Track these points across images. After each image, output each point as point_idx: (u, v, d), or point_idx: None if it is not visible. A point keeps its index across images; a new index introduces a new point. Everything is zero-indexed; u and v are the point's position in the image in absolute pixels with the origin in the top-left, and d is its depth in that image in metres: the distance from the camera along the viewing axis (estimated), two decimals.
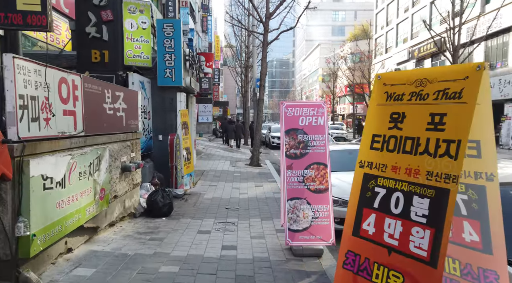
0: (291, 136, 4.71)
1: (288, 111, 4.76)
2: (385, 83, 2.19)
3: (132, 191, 6.13)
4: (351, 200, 2.24)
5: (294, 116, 4.75)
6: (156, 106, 9.30)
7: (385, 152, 2.08)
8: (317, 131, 4.71)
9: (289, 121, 4.75)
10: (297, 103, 4.85)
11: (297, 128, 4.72)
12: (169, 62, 8.98)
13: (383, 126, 2.12)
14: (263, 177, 11.24)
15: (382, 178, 2.06)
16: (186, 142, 8.30)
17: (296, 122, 4.73)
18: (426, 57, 29.70)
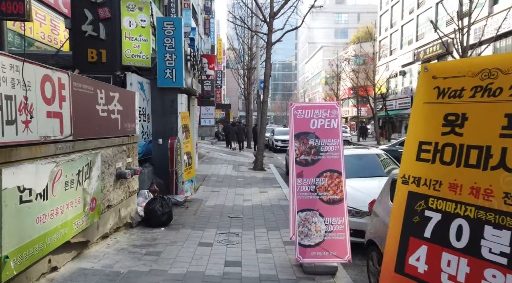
0: (301, 141, 4.26)
1: (298, 113, 4.32)
2: (435, 75, 1.72)
3: (129, 199, 5.69)
4: (392, 225, 1.78)
5: (305, 119, 4.30)
6: (156, 108, 8.89)
7: (438, 164, 1.62)
8: (330, 135, 4.26)
9: (299, 124, 4.30)
10: (308, 104, 4.40)
11: (308, 131, 4.27)
12: (169, 62, 8.57)
13: (435, 130, 1.66)
14: (267, 183, 10.78)
15: (436, 199, 1.60)
16: (187, 146, 7.87)
17: (307, 125, 4.29)
18: (432, 59, 29.20)
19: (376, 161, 7.41)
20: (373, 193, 5.32)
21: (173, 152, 7.89)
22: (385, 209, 3.75)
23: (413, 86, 32.44)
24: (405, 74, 34.47)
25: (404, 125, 35.27)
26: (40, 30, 11.49)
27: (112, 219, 5.05)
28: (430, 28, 29.97)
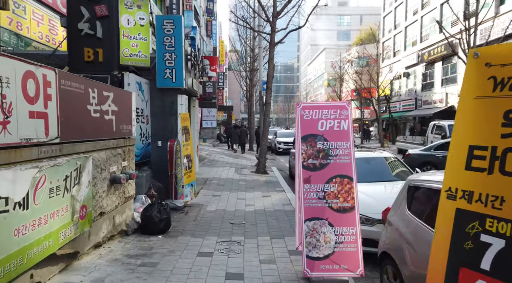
0: (308, 144, 3.93)
1: (305, 114, 3.98)
2: (489, 62, 1.37)
3: (124, 205, 5.37)
4: (435, 251, 1.42)
5: (313, 120, 3.96)
6: (155, 110, 8.58)
7: (497, 175, 1.27)
8: (340, 138, 3.92)
9: (306, 125, 3.97)
10: (316, 104, 4.07)
11: (316, 134, 3.94)
12: (169, 61, 8.27)
13: (491, 132, 1.31)
14: (270, 186, 10.44)
15: (496, 220, 1.25)
16: (187, 148, 7.55)
17: (315, 126, 3.95)
18: (437, 60, 28.84)
19: (385, 165, 7.06)
20: (382, 199, 4.98)
21: (173, 155, 7.57)
22: (402, 218, 3.41)
23: (417, 88, 32.06)
24: (409, 76, 34.09)
25: (408, 127, 34.83)
26: (38, 30, 11.23)
27: (106, 227, 4.73)
28: (434, 29, 29.62)
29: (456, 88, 26.04)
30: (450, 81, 27.27)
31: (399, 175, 6.42)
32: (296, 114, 4.05)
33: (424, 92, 30.84)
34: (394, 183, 5.91)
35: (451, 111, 26.28)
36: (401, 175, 6.39)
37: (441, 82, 28.28)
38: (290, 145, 22.98)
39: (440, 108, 27.01)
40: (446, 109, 26.55)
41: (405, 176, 6.19)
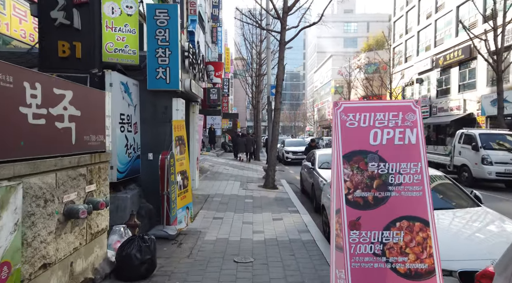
0: (355, 166, 2.52)
1: (348, 119, 2.59)
2: None
3: (90, 244, 3.97)
4: None
5: (361, 129, 2.57)
6: (145, 116, 7.23)
7: None
8: (405, 156, 2.52)
9: (351, 136, 2.57)
10: (366, 104, 2.67)
11: (367, 150, 2.54)
12: (162, 59, 6.93)
13: None
14: (281, 205, 8.99)
15: None
16: (181, 163, 6.17)
17: (365, 138, 2.55)
18: (453, 65, 27.34)
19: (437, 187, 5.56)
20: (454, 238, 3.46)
21: (165, 171, 6.18)
22: None
23: (432, 94, 30.52)
24: (422, 82, 32.57)
25: None
26: (20, 28, 10.01)
27: (56, 281, 3.32)
28: (450, 33, 28.21)
29: (475, 94, 24.51)
30: (468, 87, 25.72)
31: (457, 201, 4.91)
32: (333, 120, 2.65)
33: (440, 98, 29.29)
34: (457, 211, 4.44)
35: (470, 118, 24.70)
36: (458, 200, 4.88)
37: (458, 88, 26.74)
38: (299, 154, 21.52)
39: (458, 116, 25.44)
40: (464, 117, 24.98)
41: (465, 202, 4.72)
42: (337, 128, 2.57)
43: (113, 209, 5.99)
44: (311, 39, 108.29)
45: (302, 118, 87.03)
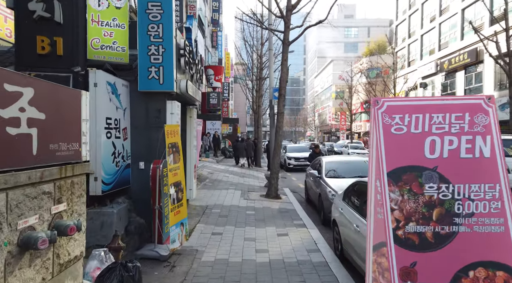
0: (405, 188, 1.81)
1: (393, 122, 1.90)
2: None
3: (58, 277, 3.23)
4: None
5: (411, 135, 1.87)
6: (136, 121, 6.52)
7: None
8: (477, 175, 1.81)
9: (397, 147, 1.87)
10: (416, 102, 1.94)
11: (421, 166, 1.83)
12: (155, 57, 6.24)
13: None
14: (286, 217, 8.25)
15: None
16: (175, 174, 5.44)
17: (418, 149, 1.86)
18: (458, 69, 26.72)
19: None
20: None
21: (156, 182, 5.46)
22: None
23: None
24: (426, 86, 31.95)
25: None
26: (5, 26, 9.38)
27: None
28: (454, 37, 27.63)
29: None
30: (474, 91, 25.05)
31: None
32: (372, 123, 1.94)
33: None
34: None
35: None
36: None
37: (464, 93, 26.06)
38: (302, 161, 20.78)
39: None
40: None
41: None
42: (378, 135, 1.86)
43: (97, 227, 5.27)
44: (311, 44, 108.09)
45: (302, 123, 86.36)
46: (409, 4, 36.17)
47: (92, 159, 5.34)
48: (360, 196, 5.50)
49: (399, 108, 1.89)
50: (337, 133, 61.52)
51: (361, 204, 5.25)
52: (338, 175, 9.02)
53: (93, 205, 5.46)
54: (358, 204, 5.35)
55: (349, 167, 9.46)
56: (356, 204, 5.45)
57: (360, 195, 5.50)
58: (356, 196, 5.70)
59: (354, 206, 5.47)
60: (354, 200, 5.65)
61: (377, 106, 1.91)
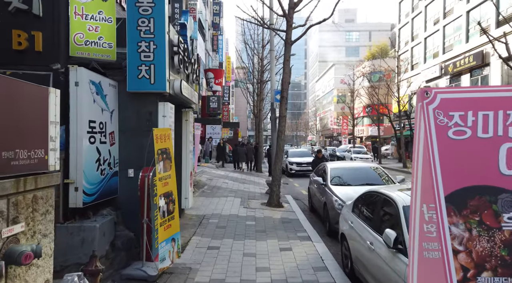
0: (473, 219, 1.22)
1: (452, 123, 1.30)
2: None
3: None
4: None
5: (478, 141, 1.28)
6: (125, 124, 5.95)
7: None
8: None
9: (457, 158, 1.28)
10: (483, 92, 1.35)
11: (496, 186, 1.23)
12: (145, 54, 5.69)
13: None
14: (289, 228, 7.65)
15: None
16: (166, 183, 4.86)
17: (490, 162, 1.26)
18: (464, 72, 26.15)
19: None
20: None
21: (145, 192, 4.88)
22: None
23: None
24: None
25: None
26: None
27: None
28: (459, 39, 27.11)
29: None
30: None
31: None
32: (421, 124, 1.35)
33: None
34: None
35: None
36: None
37: None
38: (304, 166, 20.18)
39: None
40: None
41: None
42: (428, 140, 1.29)
43: (78, 243, 4.69)
44: (312, 48, 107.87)
45: (304, 128, 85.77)
46: (412, 7, 35.72)
47: (73, 167, 4.78)
48: (373, 209, 4.91)
49: (459, 103, 1.31)
50: (339, 138, 60.92)
51: (375, 218, 4.66)
52: (345, 183, 8.43)
53: (73, 218, 4.88)
54: (372, 218, 4.76)
55: (356, 174, 8.88)
56: (368, 218, 4.86)
57: (373, 207, 4.91)
58: (368, 208, 5.11)
59: (366, 219, 4.88)
60: (366, 213, 5.06)
61: (427, 100, 1.33)
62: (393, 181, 8.46)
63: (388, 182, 8.41)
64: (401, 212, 3.97)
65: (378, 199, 4.77)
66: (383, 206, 4.56)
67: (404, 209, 3.99)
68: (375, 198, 4.96)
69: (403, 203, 4.07)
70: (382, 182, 8.46)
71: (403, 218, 3.88)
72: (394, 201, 4.21)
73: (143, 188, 4.95)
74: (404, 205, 4.04)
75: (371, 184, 8.34)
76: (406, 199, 4.16)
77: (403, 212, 3.95)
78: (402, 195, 4.31)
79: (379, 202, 4.71)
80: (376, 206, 4.80)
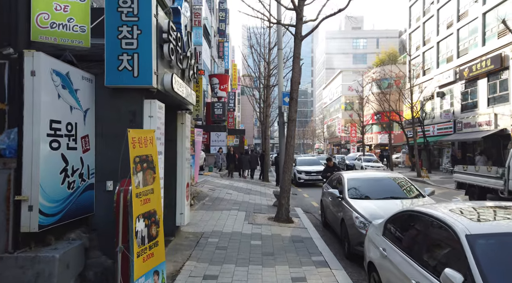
0: None
1: None
2: None
3: None
4: None
5: None
6: (103, 126, 4.91)
7: None
8: None
9: None
10: None
11: None
12: (127, 41, 4.68)
13: None
14: (301, 250, 6.50)
15: None
16: (146, 201, 3.78)
17: None
18: (481, 77, 24.88)
19: None
20: None
21: (120, 210, 3.81)
22: None
23: (455, 109, 27.97)
24: (444, 96, 30.10)
25: (445, 153, 30.48)
26: None
27: None
28: (475, 42, 25.91)
29: (508, 108, 21.94)
30: (499, 100, 23.17)
31: None
32: None
33: (465, 113, 26.72)
34: None
35: (503, 135, 22.05)
36: None
37: (488, 102, 24.19)
38: (313, 175, 19.01)
39: (489, 132, 22.81)
40: (496, 133, 22.34)
41: None
42: None
43: (30, 280, 3.61)
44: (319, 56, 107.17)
45: (311, 136, 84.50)
46: (423, 11, 34.65)
47: (27, 179, 3.73)
48: (416, 234, 3.76)
49: None
50: (347, 145, 59.57)
51: (421, 248, 3.51)
52: (365, 196, 7.28)
53: (28, 246, 3.82)
54: (415, 247, 3.61)
55: (378, 185, 7.72)
56: (409, 247, 3.71)
57: (416, 232, 3.77)
58: (407, 232, 3.96)
59: (406, 248, 3.73)
60: (404, 239, 3.91)
61: None
62: (421, 194, 7.30)
63: (416, 195, 7.25)
64: (465, 244, 2.84)
65: (423, 222, 3.64)
66: (433, 233, 3.42)
67: (469, 240, 2.86)
68: (417, 219, 3.82)
69: (466, 231, 2.95)
70: (408, 195, 7.30)
71: (470, 254, 2.75)
72: (452, 227, 3.08)
73: (118, 206, 3.88)
74: (467, 234, 2.91)
75: (396, 197, 7.18)
76: (469, 226, 3.03)
77: (469, 244, 2.82)
78: (462, 220, 3.18)
79: (425, 226, 3.58)
80: (420, 231, 3.67)
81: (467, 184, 13.43)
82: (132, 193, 3.51)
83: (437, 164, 31.12)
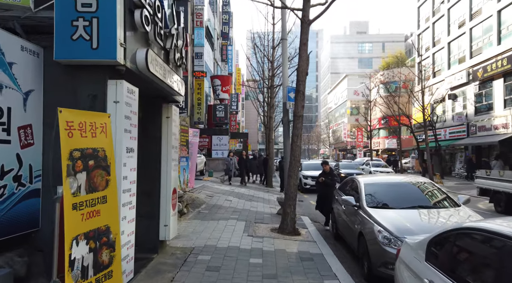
0: None
1: None
2: None
3: None
4: None
5: None
6: (54, 114, 3.77)
7: None
8: None
9: None
10: None
11: None
12: (84, 1, 3.55)
13: None
14: (311, 271, 5.29)
15: None
16: (90, 214, 2.61)
17: None
18: (496, 77, 23.59)
19: None
20: None
21: (55, 226, 2.64)
22: None
23: (469, 112, 26.64)
24: (456, 98, 28.79)
25: (458, 158, 29.08)
26: None
27: None
28: (489, 41, 24.66)
29: None
30: None
31: None
32: None
33: (479, 116, 25.39)
34: None
35: None
36: None
37: (504, 103, 22.86)
38: None
39: (506, 135, 21.46)
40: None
41: None
42: None
43: None
44: (323, 61, 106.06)
45: (316, 141, 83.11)
46: (433, 11, 33.48)
47: None
48: (480, 262, 2.57)
49: None
50: (353, 150, 58.20)
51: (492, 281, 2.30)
52: (386, 205, 6.07)
53: None
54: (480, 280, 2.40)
55: (401, 192, 6.52)
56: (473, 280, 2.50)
57: (480, 259, 2.57)
58: (466, 258, 2.77)
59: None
60: (462, 268, 2.71)
61: None
62: (455, 202, 6.07)
63: (449, 205, 6.02)
64: None
65: (490, 245, 2.45)
66: (508, 261, 2.23)
67: None
68: (479, 241, 2.63)
69: None
70: (440, 205, 6.08)
71: None
72: None
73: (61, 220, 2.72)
74: None
75: (425, 206, 5.97)
76: None
77: None
78: None
79: (495, 252, 2.38)
80: (487, 258, 2.47)
81: (492, 191, 12.16)
82: (65, 204, 2.35)
83: (449, 169, 29.71)
